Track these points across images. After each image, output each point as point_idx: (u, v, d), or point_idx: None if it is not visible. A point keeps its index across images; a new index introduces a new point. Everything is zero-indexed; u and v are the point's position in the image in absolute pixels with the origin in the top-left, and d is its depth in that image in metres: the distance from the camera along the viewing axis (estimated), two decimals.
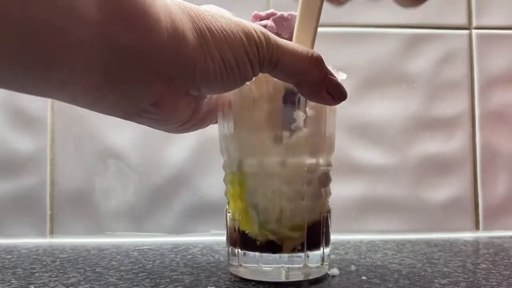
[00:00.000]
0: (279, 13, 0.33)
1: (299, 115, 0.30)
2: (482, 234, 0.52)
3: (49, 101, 0.51)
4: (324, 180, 0.32)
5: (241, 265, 0.32)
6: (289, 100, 0.30)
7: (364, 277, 0.33)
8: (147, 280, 0.32)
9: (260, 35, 0.26)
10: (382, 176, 0.52)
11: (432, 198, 0.53)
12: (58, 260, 0.40)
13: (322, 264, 0.32)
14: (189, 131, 0.31)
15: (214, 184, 0.51)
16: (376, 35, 0.54)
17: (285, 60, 0.27)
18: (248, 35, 0.25)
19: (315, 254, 0.32)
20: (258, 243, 0.31)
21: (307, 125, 0.31)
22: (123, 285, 0.31)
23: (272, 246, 0.30)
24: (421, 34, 0.54)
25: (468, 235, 0.52)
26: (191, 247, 0.45)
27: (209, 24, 0.24)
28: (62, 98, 0.23)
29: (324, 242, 0.32)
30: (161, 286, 0.31)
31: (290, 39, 0.30)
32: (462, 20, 0.55)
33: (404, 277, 0.33)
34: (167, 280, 0.32)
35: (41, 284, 0.31)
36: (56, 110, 0.51)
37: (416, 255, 0.41)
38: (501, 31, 0.55)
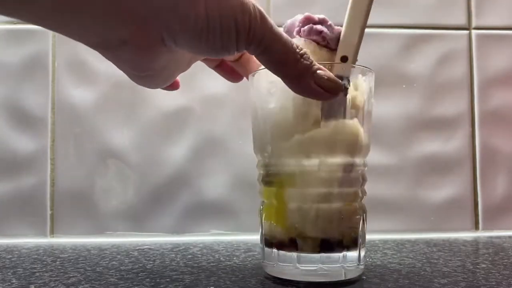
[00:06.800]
0: (329, 21, 0.32)
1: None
2: (481, 234, 0.52)
3: (49, 101, 0.51)
4: (365, 180, 0.34)
5: (294, 267, 0.30)
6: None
7: (364, 277, 0.33)
8: (147, 280, 0.32)
9: (257, 13, 0.25)
10: (382, 176, 0.53)
11: (432, 198, 0.53)
12: (58, 260, 0.40)
13: (359, 264, 0.32)
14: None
15: (214, 184, 0.51)
16: (376, 35, 0.54)
17: (275, 48, 0.26)
18: (245, 6, 0.24)
19: (361, 252, 0.32)
20: (308, 243, 0.30)
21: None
22: (123, 285, 0.31)
23: (327, 246, 0.30)
24: (421, 34, 0.54)
25: (467, 235, 0.52)
26: (191, 247, 0.45)
27: None
28: (22, 16, 0.22)
29: (364, 241, 0.33)
30: (161, 286, 0.31)
31: (335, 52, 0.31)
32: (461, 20, 0.55)
33: (404, 276, 0.33)
34: (167, 279, 0.32)
35: (42, 284, 0.31)
36: (56, 110, 0.51)
37: (415, 255, 0.41)
38: (500, 31, 0.55)
